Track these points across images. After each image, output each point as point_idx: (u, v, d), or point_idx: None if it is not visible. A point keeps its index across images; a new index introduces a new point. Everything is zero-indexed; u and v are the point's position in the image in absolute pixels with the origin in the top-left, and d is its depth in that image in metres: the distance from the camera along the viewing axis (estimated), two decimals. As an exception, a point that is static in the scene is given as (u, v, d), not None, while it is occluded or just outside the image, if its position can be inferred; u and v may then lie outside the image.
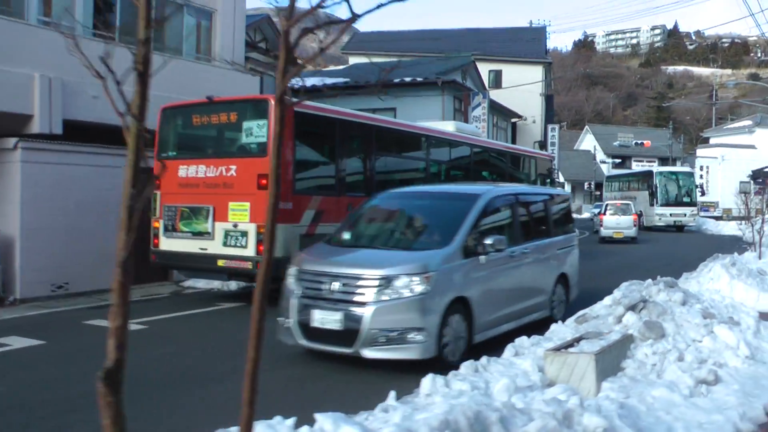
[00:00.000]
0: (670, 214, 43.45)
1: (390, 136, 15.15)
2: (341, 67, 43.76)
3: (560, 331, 8.27)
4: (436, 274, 8.07)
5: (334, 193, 13.29)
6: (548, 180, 22.69)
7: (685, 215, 43.64)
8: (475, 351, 8.28)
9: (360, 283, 8.06)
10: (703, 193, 46.74)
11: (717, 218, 50.37)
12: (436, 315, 7.99)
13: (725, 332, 7.96)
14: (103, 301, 13.56)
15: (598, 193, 76.36)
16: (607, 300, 8.85)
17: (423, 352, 7.85)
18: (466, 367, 6.96)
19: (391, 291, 7.89)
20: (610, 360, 6.88)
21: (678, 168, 55.15)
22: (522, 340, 7.96)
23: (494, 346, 8.48)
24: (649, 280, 9.12)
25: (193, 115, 13.39)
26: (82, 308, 13.26)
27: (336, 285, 8.15)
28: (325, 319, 8.09)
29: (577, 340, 7.37)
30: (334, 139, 13.39)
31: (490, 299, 9.07)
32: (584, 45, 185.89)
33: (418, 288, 7.88)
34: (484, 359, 7.22)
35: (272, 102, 11.82)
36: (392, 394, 6.08)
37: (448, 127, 17.92)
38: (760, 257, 19.08)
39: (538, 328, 9.42)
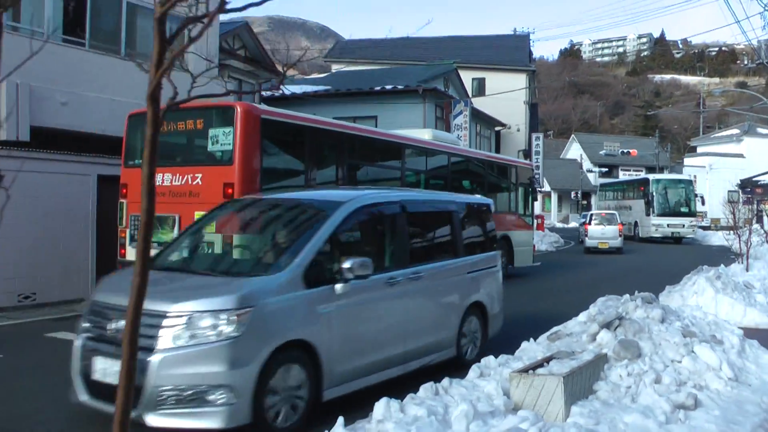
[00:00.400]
0: (668, 225, 41.12)
1: (363, 144, 14.67)
2: (322, 75, 43.35)
3: (531, 349, 7.80)
4: (256, 309, 6.07)
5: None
6: (530, 189, 22.20)
7: (684, 226, 41.26)
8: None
9: (152, 321, 5.87)
10: (703, 203, 43.49)
11: (705, 228, 49.74)
12: (252, 367, 5.95)
13: (706, 352, 7.51)
14: (70, 312, 13.21)
15: (585, 202, 76.09)
16: (582, 316, 8.39)
17: (229, 418, 5.82)
18: (425, 389, 6.39)
19: (191, 333, 5.90)
20: (581, 382, 6.41)
21: (676, 175, 53.06)
22: (488, 360, 7.41)
23: (460, 368, 8.00)
24: (627, 296, 8.65)
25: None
26: (46, 319, 12.95)
27: (122, 323, 5.47)
28: (108, 369, 6.11)
29: (548, 360, 6.90)
30: (303, 148, 12.91)
31: (351, 341, 7.06)
32: (570, 54, 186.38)
33: (227, 329, 5.88)
34: (445, 381, 6.65)
35: (239, 109, 11.38)
36: (340, 420, 5.60)
37: (425, 135, 17.44)
38: (747, 269, 18.63)
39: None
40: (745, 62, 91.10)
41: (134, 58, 17.17)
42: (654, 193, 41.87)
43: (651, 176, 45.63)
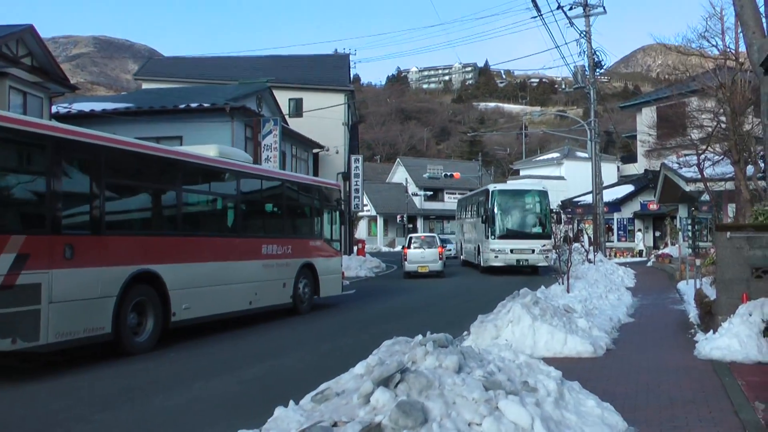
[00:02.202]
0: (511, 251, 31.46)
1: (126, 160, 12.27)
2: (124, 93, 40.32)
3: (285, 419, 5.73)
4: None
5: (45, 230, 10.30)
6: (337, 212, 20.24)
7: (533, 251, 30.80)
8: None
9: None
10: (559, 221, 32.74)
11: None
12: None
13: (514, 408, 5.69)
14: None
15: (410, 225, 75.55)
16: (360, 367, 6.40)
17: None
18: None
19: None
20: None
21: (524, 185, 42.66)
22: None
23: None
24: (418, 338, 6.75)
25: None
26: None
27: None
28: None
29: (300, 436, 4.87)
30: (44, 162, 10.42)
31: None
32: (398, 80, 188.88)
33: None
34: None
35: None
36: None
37: (210, 151, 15.16)
38: (568, 290, 17.47)
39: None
40: (563, 87, 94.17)
41: None
42: (494, 208, 32.46)
43: (491, 186, 35.67)
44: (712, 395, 7.65)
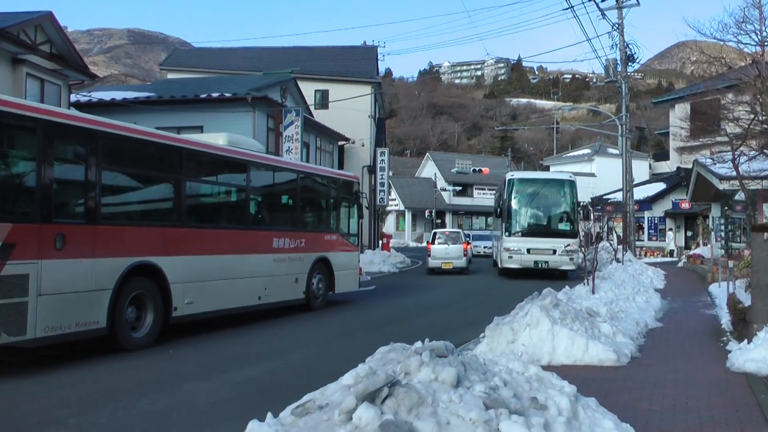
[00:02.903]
0: (528, 250, 27.03)
1: (124, 147, 11.64)
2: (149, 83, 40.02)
3: (258, 436, 5.05)
4: None
5: (34, 218, 9.71)
6: (354, 205, 19.48)
7: (555, 252, 26.84)
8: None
9: None
10: (586, 216, 28.37)
11: None
12: None
13: (517, 431, 4.97)
14: None
15: (439, 221, 74.74)
16: (348, 377, 5.69)
17: None
18: None
19: None
20: None
21: (544, 174, 38.82)
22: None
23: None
24: (416, 345, 6.03)
25: None
26: None
27: None
28: None
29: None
30: (33, 146, 9.82)
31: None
32: (430, 75, 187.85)
33: None
34: None
35: None
36: None
37: (219, 140, 14.50)
38: (593, 291, 16.58)
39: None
40: (595, 81, 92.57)
41: None
42: (510, 200, 28.05)
43: (510, 174, 30.82)
44: (747, 415, 6.85)
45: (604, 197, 52.97)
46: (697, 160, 27.05)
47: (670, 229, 47.43)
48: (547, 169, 74.61)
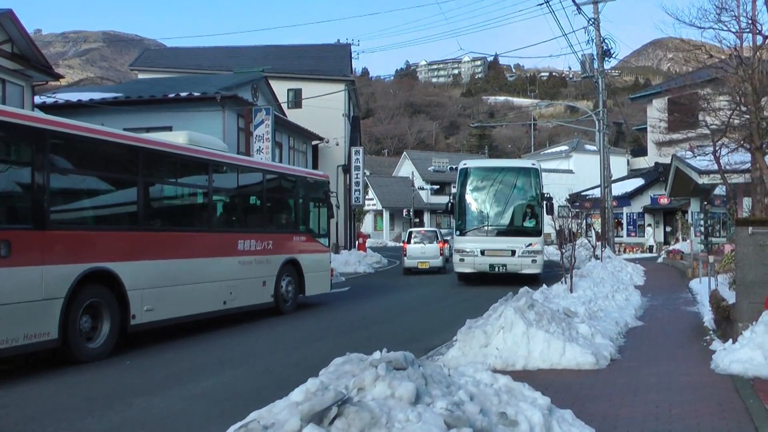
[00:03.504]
0: (483, 252, 23.22)
1: (75, 146, 10.99)
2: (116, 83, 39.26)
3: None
4: None
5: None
6: (324, 205, 18.87)
7: (514, 253, 23.07)
8: None
9: None
10: (550, 210, 23.62)
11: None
12: None
13: (483, 452, 4.44)
14: None
15: (417, 220, 74.26)
16: (297, 393, 5.13)
17: None
18: None
19: None
20: None
21: (504, 162, 34.73)
22: None
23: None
24: (374, 356, 5.48)
25: None
26: None
27: None
28: None
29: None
30: None
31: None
32: (406, 74, 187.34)
33: None
34: None
35: None
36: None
37: (178, 138, 13.87)
38: (571, 290, 16.03)
39: None
40: (571, 78, 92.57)
41: None
42: (461, 193, 24.17)
43: (463, 162, 26.09)
44: (735, 423, 6.32)
45: (582, 193, 52.69)
46: (676, 154, 26.69)
47: (649, 225, 47.17)
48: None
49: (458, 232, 23.98)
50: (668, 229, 47.01)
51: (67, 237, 10.58)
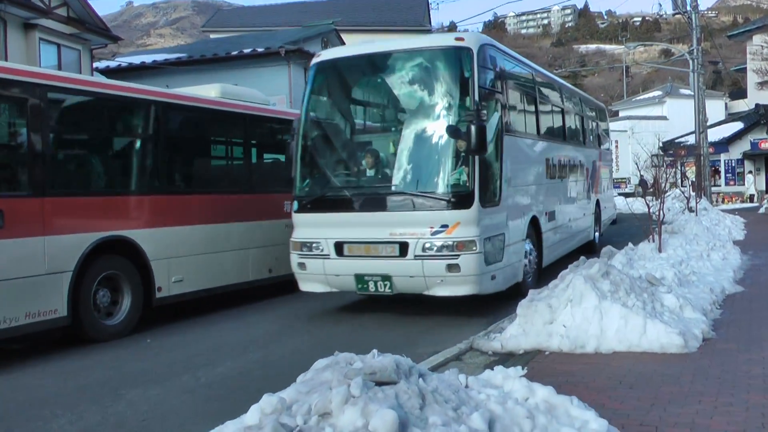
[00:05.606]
0: (340, 249, 10.40)
1: (81, 103, 9.79)
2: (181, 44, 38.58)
3: None
4: None
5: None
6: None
7: (406, 251, 9.79)
8: None
9: None
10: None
11: (628, 195, 44.79)
12: None
13: None
14: None
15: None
16: (253, 414, 3.71)
17: None
18: None
19: None
20: None
21: (395, 43, 11.43)
22: None
23: None
24: (356, 363, 3.99)
25: None
26: None
27: None
28: None
29: None
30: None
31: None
32: (495, 26, 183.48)
33: None
34: None
35: None
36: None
37: (210, 91, 12.58)
38: (660, 249, 14.02)
39: None
40: (663, 15, 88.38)
41: None
42: (305, 122, 11.06)
43: (316, 58, 11.37)
44: None
45: (676, 140, 49.89)
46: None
47: (750, 172, 44.19)
48: (616, 114, 70.48)
49: (296, 205, 11.07)
50: (771, 176, 44.14)
51: (73, 204, 9.40)
